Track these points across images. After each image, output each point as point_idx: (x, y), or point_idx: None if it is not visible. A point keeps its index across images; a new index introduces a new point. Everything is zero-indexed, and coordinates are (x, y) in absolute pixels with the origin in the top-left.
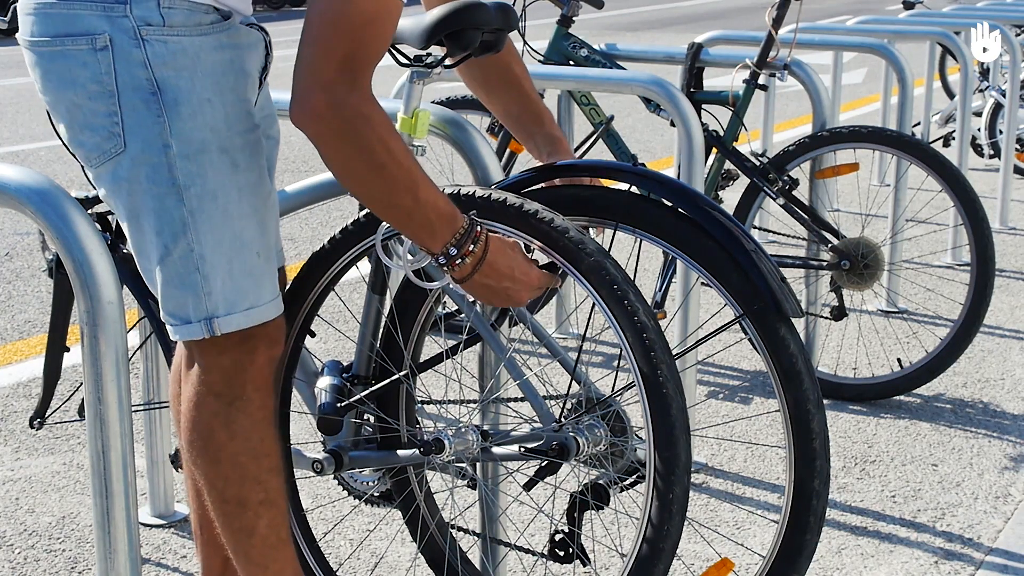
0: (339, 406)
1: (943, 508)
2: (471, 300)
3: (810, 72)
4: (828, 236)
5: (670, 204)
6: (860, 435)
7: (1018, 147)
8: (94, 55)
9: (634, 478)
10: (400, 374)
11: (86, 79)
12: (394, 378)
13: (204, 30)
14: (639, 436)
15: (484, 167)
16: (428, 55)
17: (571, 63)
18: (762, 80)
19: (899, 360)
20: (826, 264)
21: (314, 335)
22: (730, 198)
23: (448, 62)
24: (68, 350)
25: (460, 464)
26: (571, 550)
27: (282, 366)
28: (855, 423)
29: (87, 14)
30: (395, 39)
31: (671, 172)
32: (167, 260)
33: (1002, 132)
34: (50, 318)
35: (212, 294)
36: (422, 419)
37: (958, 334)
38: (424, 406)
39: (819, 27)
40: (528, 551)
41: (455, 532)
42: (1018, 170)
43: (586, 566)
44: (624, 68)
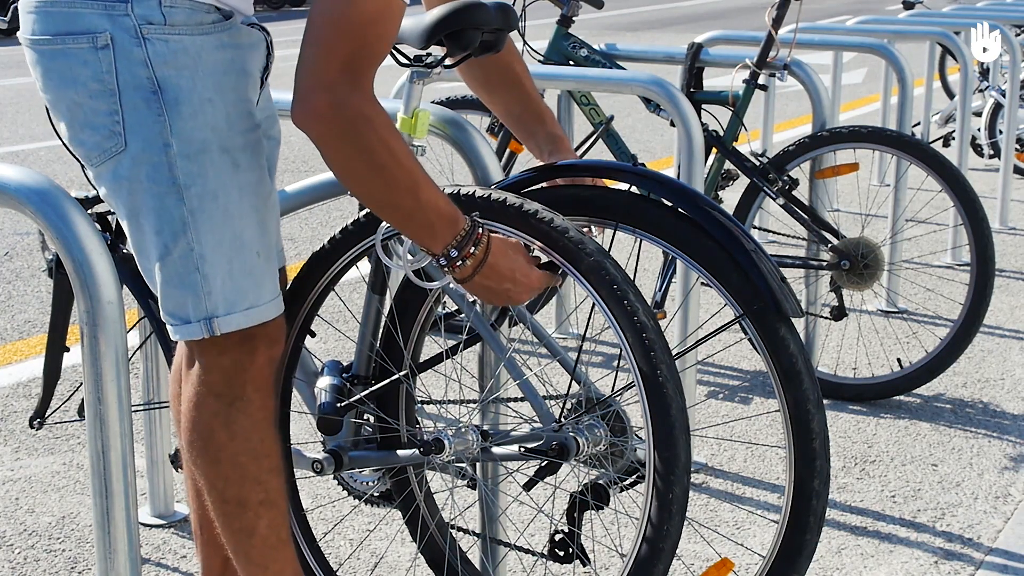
0: (339, 406)
1: (943, 508)
2: (471, 300)
3: (810, 72)
4: (828, 236)
5: (670, 204)
6: (860, 435)
7: (1018, 147)
8: (95, 54)
9: (634, 478)
10: (400, 374)
11: (87, 77)
12: (394, 378)
13: (205, 29)
14: (639, 436)
15: (484, 167)
16: (428, 55)
17: (571, 63)
18: (762, 80)
19: (899, 360)
20: (826, 264)
21: (314, 335)
22: (730, 198)
23: (448, 62)
24: (68, 350)
25: (460, 464)
26: (571, 550)
27: (282, 366)
28: (855, 423)
29: (88, 12)
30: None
31: (671, 172)
32: (167, 259)
33: (1002, 132)
34: (50, 318)
35: (212, 294)
36: (422, 419)
37: (958, 334)
38: (424, 406)
39: (819, 27)
40: (528, 551)
41: (455, 532)
42: (1018, 170)
43: (586, 566)
44: (624, 68)
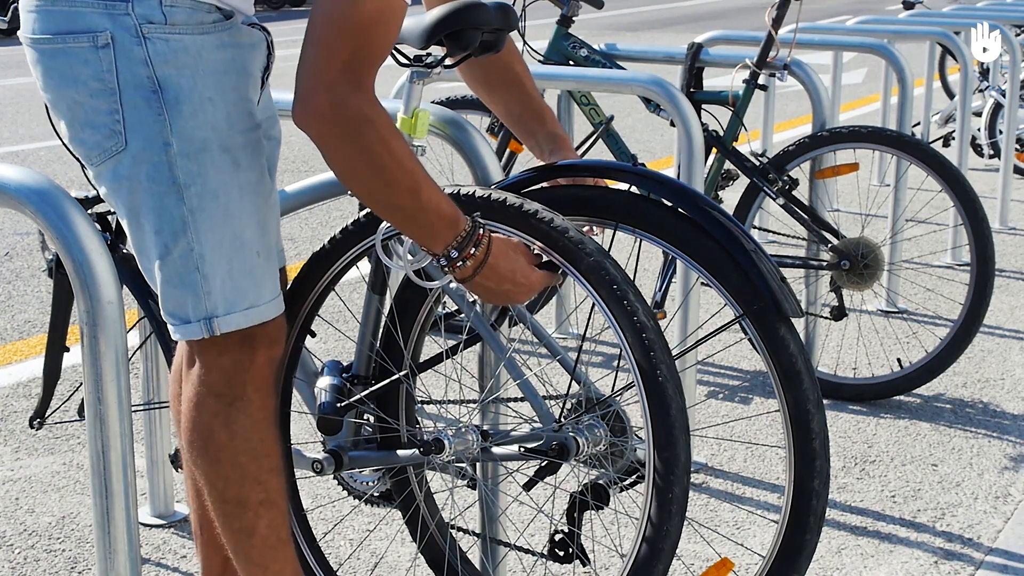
0: (339, 406)
1: (943, 508)
2: (471, 300)
3: (810, 72)
4: (828, 236)
5: (670, 204)
6: (860, 435)
7: (1018, 147)
8: (95, 52)
9: (634, 478)
10: (400, 374)
11: (87, 76)
12: (394, 378)
13: (206, 29)
14: (639, 436)
15: (484, 167)
16: (428, 55)
17: (571, 63)
18: (762, 80)
19: (899, 360)
20: (826, 264)
21: (314, 335)
22: (730, 198)
23: (448, 62)
24: (68, 350)
25: (460, 464)
26: (571, 550)
27: (282, 366)
28: (855, 423)
29: (89, 11)
30: None
31: (671, 172)
32: (167, 259)
33: (1002, 132)
34: (50, 318)
35: (212, 294)
36: (422, 419)
37: (958, 334)
38: (424, 406)
39: (819, 27)
40: (528, 551)
41: (455, 532)
42: (1018, 170)
43: (586, 566)
44: (624, 68)
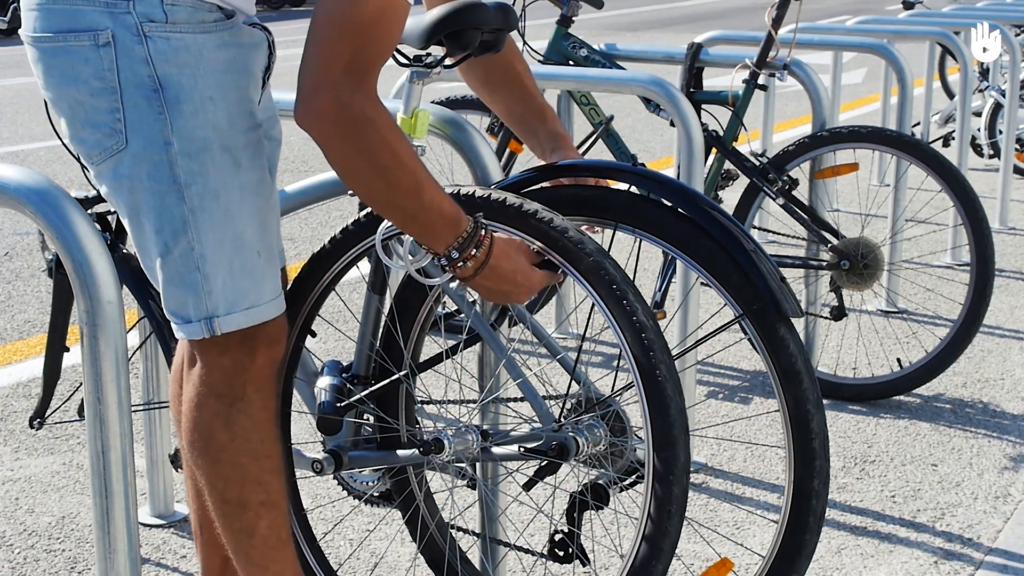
0: (339, 406)
1: (943, 508)
2: (471, 300)
3: (810, 72)
4: (828, 236)
5: (670, 204)
6: (860, 435)
7: (1018, 147)
8: (96, 51)
9: (634, 478)
10: (400, 374)
11: (88, 75)
12: (394, 378)
13: (207, 28)
14: (638, 436)
15: (484, 167)
16: (428, 55)
17: (571, 63)
18: (762, 80)
19: (899, 360)
20: (826, 264)
21: (315, 335)
22: (730, 198)
23: (448, 62)
24: (68, 350)
25: (460, 464)
26: (571, 550)
27: (283, 366)
28: (855, 423)
29: (90, 10)
30: None
31: (671, 172)
32: (168, 258)
33: (1002, 132)
34: (50, 318)
35: (212, 293)
36: (422, 419)
37: (958, 334)
38: (424, 406)
39: (819, 27)
40: (528, 551)
41: (455, 532)
42: (1018, 170)
43: (586, 566)
44: (624, 68)
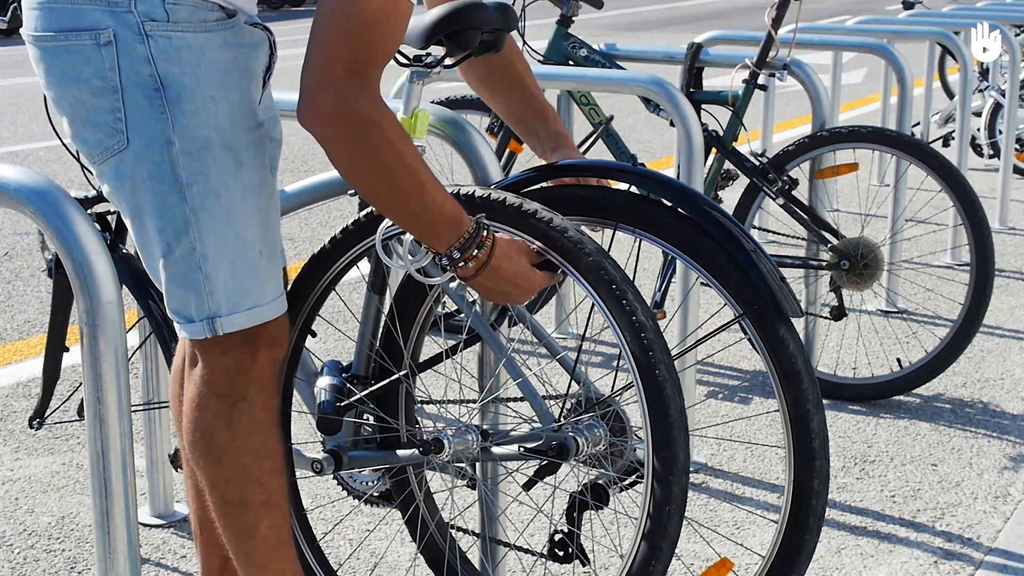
0: (339, 406)
1: (943, 508)
2: (471, 300)
3: (810, 72)
4: (827, 236)
5: (670, 204)
6: (860, 435)
7: (1018, 147)
8: (98, 50)
9: (633, 478)
10: (400, 374)
11: (90, 74)
12: (394, 378)
13: (209, 27)
14: (638, 436)
15: (484, 167)
16: (428, 55)
17: (571, 63)
18: (762, 80)
19: (899, 360)
20: (826, 264)
21: (315, 335)
22: (730, 198)
23: (448, 62)
24: (68, 350)
25: (460, 464)
26: (570, 550)
27: (283, 366)
28: (855, 423)
29: (91, 9)
30: None
31: (671, 172)
32: (169, 258)
33: (1001, 132)
34: (49, 318)
35: (214, 293)
36: (422, 419)
37: (958, 334)
38: (424, 406)
39: (819, 27)
40: (528, 551)
41: (455, 532)
42: (1018, 170)
43: (585, 566)
44: (624, 68)
